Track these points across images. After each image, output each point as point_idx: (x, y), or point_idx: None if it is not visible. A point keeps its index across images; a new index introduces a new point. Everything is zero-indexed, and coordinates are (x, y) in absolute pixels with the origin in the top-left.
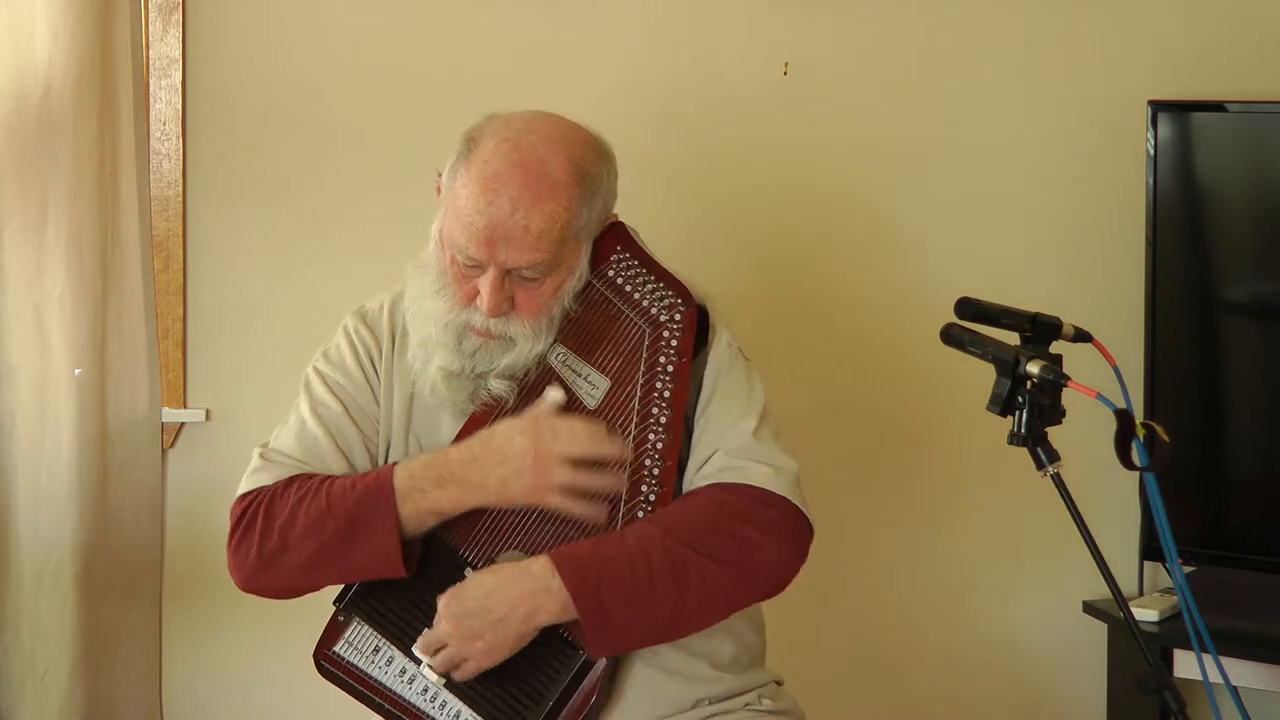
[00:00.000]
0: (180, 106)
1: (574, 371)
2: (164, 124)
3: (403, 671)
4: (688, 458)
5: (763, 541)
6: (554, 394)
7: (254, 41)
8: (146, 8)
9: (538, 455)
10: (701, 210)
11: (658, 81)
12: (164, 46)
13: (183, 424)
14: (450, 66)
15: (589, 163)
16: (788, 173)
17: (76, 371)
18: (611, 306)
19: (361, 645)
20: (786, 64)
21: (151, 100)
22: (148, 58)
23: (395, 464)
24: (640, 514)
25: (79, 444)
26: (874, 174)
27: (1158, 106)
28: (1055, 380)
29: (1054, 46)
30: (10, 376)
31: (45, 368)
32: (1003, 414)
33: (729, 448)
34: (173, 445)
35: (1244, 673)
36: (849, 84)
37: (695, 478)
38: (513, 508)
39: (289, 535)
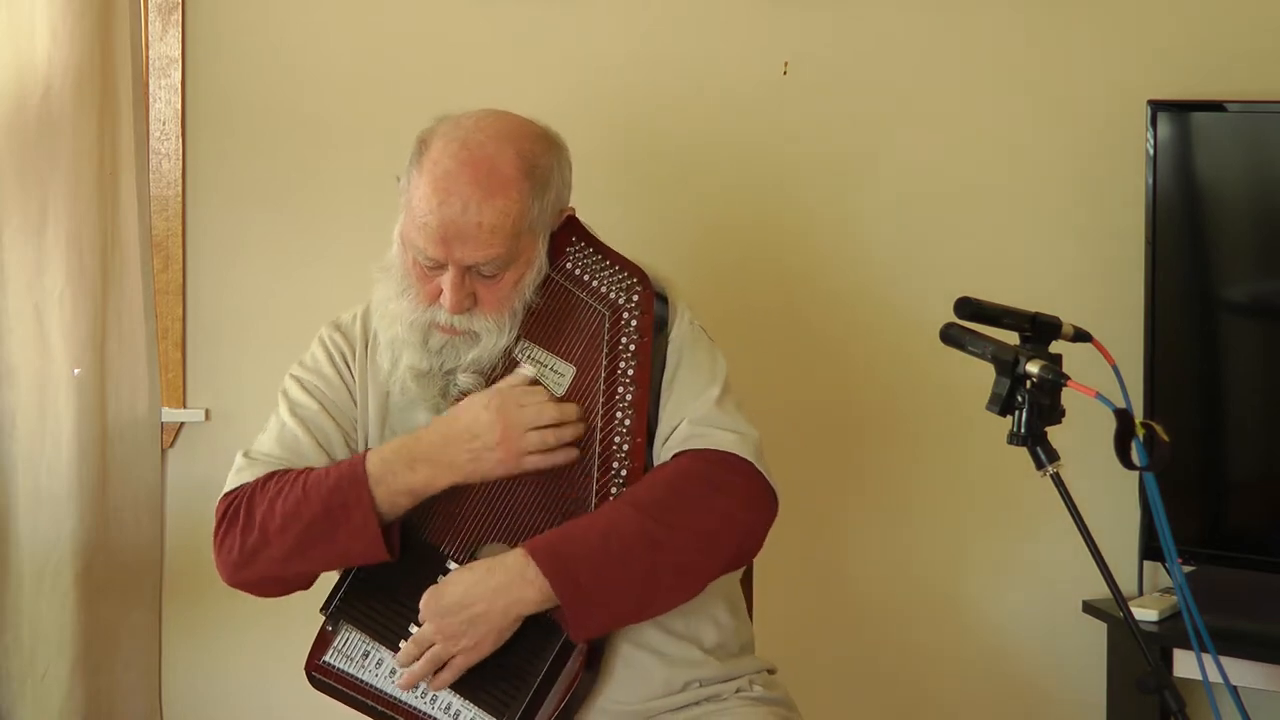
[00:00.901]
0: (180, 106)
1: (539, 363)
2: (163, 124)
3: (393, 673)
4: (656, 431)
5: (729, 507)
6: (525, 369)
7: (254, 41)
8: (146, 7)
9: (505, 426)
10: (700, 209)
11: (658, 81)
12: (164, 46)
13: (182, 424)
14: (449, 66)
15: (538, 155)
16: (787, 172)
17: (76, 371)
18: (571, 296)
19: (351, 652)
20: (786, 63)
21: (151, 100)
22: (147, 57)
23: (368, 450)
24: (614, 489)
25: (79, 444)
26: (873, 173)
27: (1157, 106)
28: (1055, 380)
29: (1054, 46)
30: (10, 376)
31: (45, 368)
32: (1002, 413)
33: (694, 416)
34: (172, 445)
35: (1244, 672)
36: (849, 83)
37: (662, 448)
38: (489, 488)
39: (269, 528)
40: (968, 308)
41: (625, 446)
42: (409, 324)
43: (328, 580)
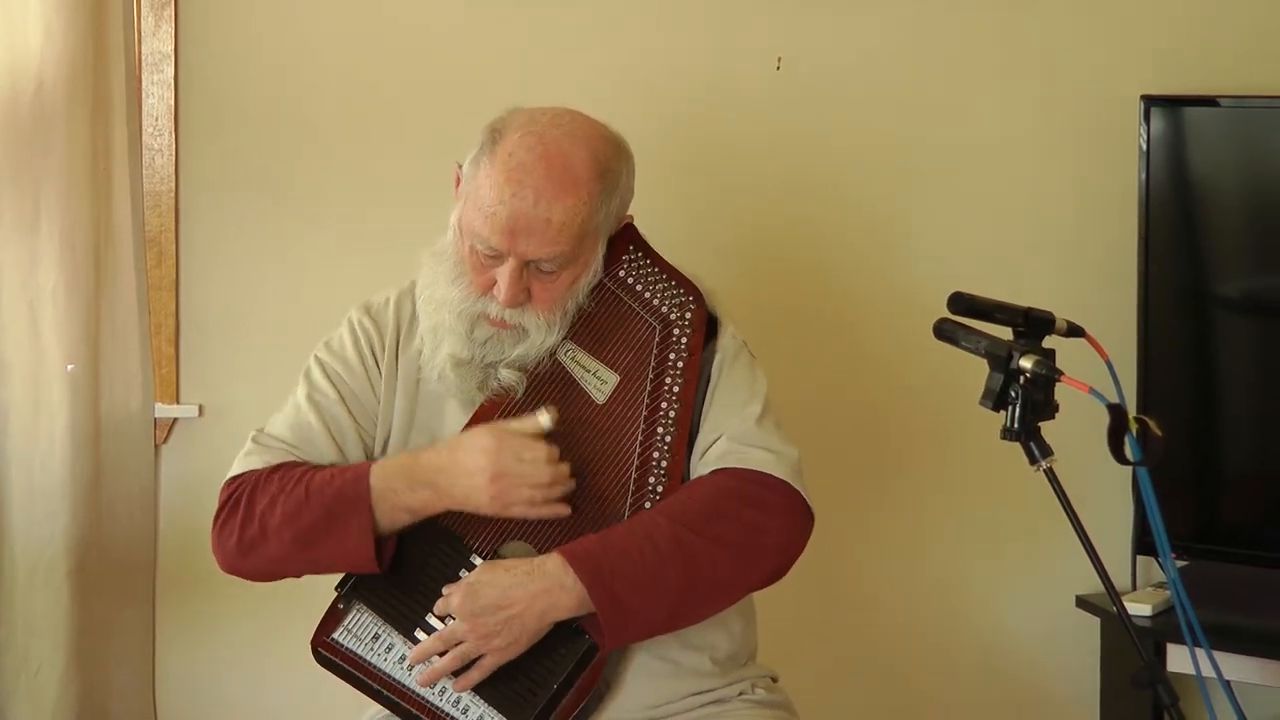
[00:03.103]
0: (173, 102)
1: (583, 367)
2: (156, 119)
3: (402, 659)
4: (694, 444)
5: (765, 523)
6: (544, 417)
7: (246, 37)
8: (139, 3)
9: (495, 476)
10: (694, 206)
11: (650, 77)
12: (156, 42)
13: (176, 419)
14: (443, 62)
15: (610, 160)
16: (780, 168)
17: (70, 367)
18: (622, 305)
19: (361, 632)
20: (779, 59)
21: (144, 95)
22: (140, 53)
23: (373, 461)
24: (647, 505)
25: (72, 440)
26: (867, 169)
27: (1150, 101)
28: (1048, 375)
29: (1047, 42)
30: (4, 373)
31: (39, 364)
32: (995, 409)
33: (732, 433)
34: (166, 441)
35: (1237, 667)
36: (841, 79)
37: (699, 463)
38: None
39: (268, 524)
40: (961, 303)
41: (664, 464)
42: (458, 313)
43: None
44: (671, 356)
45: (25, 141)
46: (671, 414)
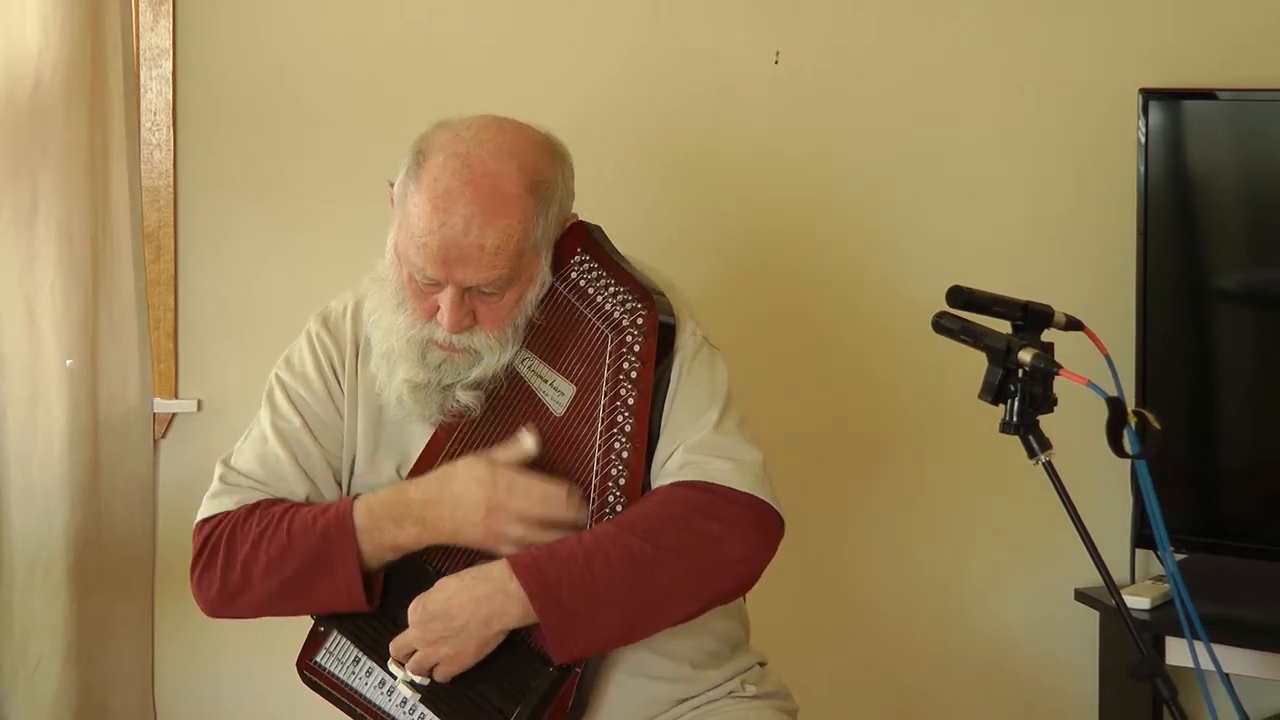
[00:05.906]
0: (171, 97)
1: (540, 378)
2: (155, 114)
3: (382, 683)
4: (654, 455)
5: (724, 534)
6: (528, 441)
7: (245, 32)
8: None
9: (490, 509)
10: (692, 203)
11: (648, 72)
12: (154, 37)
13: (174, 415)
14: (441, 60)
15: (542, 169)
16: (779, 163)
17: (68, 363)
18: (574, 310)
19: (342, 656)
20: (778, 53)
21: (142, 91)
22: (138, 48)
23: (356, 497)
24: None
25: (70, 435)
26: (865, 163)
27: (1149, 95)
28: (1047, 368)
29: (1045, 35)
30: (1, 368)
31: (36, 359)
32: (994, 402)
33: (689, 443)
34: (164, 436)
35: (1236, 660)
36: (841, 73)
37: (659, 474)
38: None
39: (251, 571)
40: (960, 296)
41: (622, 480)
42: (406, 340)
43: None
44: (625, 366)
45: (23, 137)
46: (628, 428)
